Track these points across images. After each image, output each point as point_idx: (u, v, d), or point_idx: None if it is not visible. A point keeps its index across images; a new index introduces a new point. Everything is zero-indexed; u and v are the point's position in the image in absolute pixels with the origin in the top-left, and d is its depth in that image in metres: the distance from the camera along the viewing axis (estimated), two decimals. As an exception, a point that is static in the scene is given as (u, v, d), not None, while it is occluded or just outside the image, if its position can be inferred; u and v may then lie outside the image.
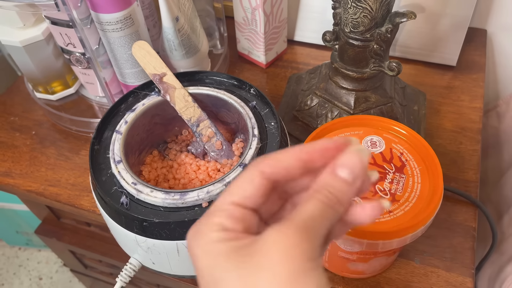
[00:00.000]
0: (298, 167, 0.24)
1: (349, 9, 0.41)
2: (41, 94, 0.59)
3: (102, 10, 0.44)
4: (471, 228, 0.46)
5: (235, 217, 0.22)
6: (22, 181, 0.54)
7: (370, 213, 0.23)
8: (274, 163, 0.23)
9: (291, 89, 0.57)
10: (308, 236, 0.21)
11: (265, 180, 0.23)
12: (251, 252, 0.21)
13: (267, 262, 0.20)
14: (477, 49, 0.64)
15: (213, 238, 0.22)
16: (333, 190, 0.23)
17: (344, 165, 0.23)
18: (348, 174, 0.23)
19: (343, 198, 0.23)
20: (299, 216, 0.22)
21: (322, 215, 0.22)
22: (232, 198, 0.23)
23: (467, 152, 0.52)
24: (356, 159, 0.23)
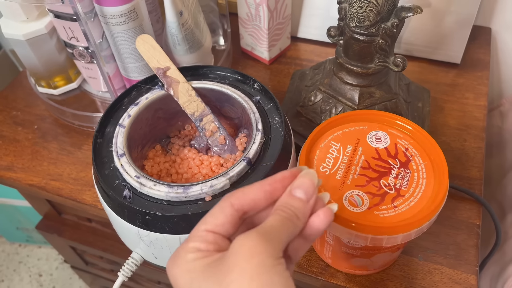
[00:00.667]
0: (263, 197, 0.28)
1: (355, 3, 0.41)
2: (44, 89, 0.59)
3: (106, 3, 0.44)
4: (475, 225, 0.46)
5: (208, 241, 0.26)
6: (24, 175, 0.54)
7: (323, 217, 0.28)
8: (242, 195, 0.27)
9: (294, 85, 0.56)
10: (269, 238, 0.25)
11: (234, 211, 0.27)
12: (223, 261, 0.24)
13: (236, 262, 0.24)
14: (481, 47, 0.64)
15: (189, 258, 0.26)
16: (291, 207, 0.27)
17: (299, 187, 0.28)
18: (302, 193, 0.27)
19: (300, 214, 0.27)
20: (261, 226, 0.26)
21: (282, 225, 0.26)
22: (205, 226, 0.27)
23: (471, 150, 0.52)
24: (307, 181, 0.28)
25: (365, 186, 0.36)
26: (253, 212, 0.28)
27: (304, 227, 0.28)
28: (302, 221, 0.27)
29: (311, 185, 0.28)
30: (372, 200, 0.35)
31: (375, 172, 0.37)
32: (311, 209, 0.28)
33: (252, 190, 0.28)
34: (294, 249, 0.28)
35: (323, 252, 0.43)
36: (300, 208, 0.27)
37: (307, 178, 0.28)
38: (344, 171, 0.37)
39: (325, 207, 0.28)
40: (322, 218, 0.28)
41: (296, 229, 0.27)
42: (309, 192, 0.28)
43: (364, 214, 0.34)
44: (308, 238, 0.28)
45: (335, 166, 0.38)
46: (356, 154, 0.38)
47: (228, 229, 0.27)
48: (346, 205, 0.35)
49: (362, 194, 0.36)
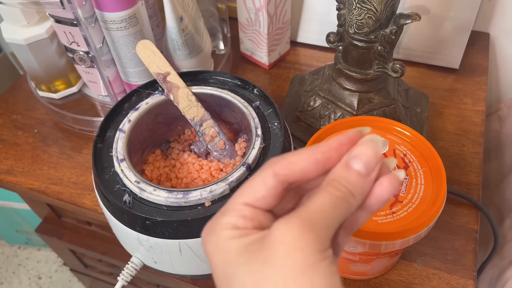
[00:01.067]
0: (314, 168, 0.23)
1: (354, 10, 0.41)
2: (44, 93, 0.59)
3: (107, 9, 0.44)
4: (473, 230, 0.46)
5: (246, 217, 0.22)
6: (24, 179, 0.54)
7: (388, 186, 0.23)
8: (289, 165, 0.23)
9: (294, 90, 0.57)
10: (314, 227, 0.21)
11: (278, 182, 0.23)
12: (260, 247, 0.21)
13: (273, 256, 0.20)
14: (480, 53, 0.65)
15: (224, 236, 0.22)
16: (345, 182, 0.22)
17: (357, 157, 0.22)
18: (361, 166, 0.22)
19: (357, 191, 0.22)
20: (305, 209, 0.21)
21: (332, 206, 0.22)
22: (244, 199, 0.23)
23: (470, 155, 0.52)
24: (369, 150, 0.22)
25: (363, 192, 0.36)
26: (301, 183, 0.24)
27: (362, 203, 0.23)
28: (358, 200, 0.23)
29: (373, 155, 0.22)
30: (370, 206, 0.35)
31: (374, 178, 0.37)
32: (372, 183, 0.23)
33: (300, 159, 0.23)
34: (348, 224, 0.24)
35: (322, 257, 0.43)
36: (357, 184, 0.22)
37: (369, 146, 0.23)
38: (343, 177, 0.37)
39: (390, 174, 0.23)
40: (386, 187, 0.23)
41: (351, 209, 0.22)
42: (370, 165, 0.22)
43: (363, 220, 0.35)
44: (368, 209, 0.24)
45: (334, 171, 0.38)
46: (355, 160, 0.39)
47: (271, 202, 0.23)
48: (345, 211, 0.35)
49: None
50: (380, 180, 0.23)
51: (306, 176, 0.23)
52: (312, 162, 0.23)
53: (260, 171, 0.23)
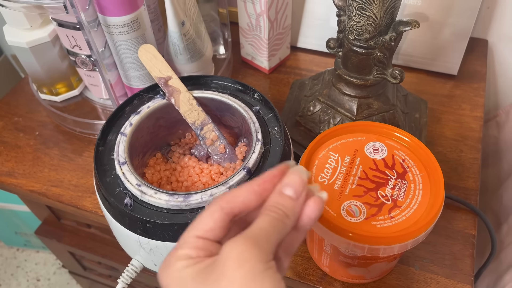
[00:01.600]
0: (254, 199, 0.27)
1: (354, 16, 0.42)
2: (45, 95, 0.60)
3: (110, 13, 0.45)
4: (470, 235, 0.47)
5: (198, 247, 0.26)
6: (25, 181, 0.54)
7: (314, 206, 0.27)
8: (231, 198, 0.27)
9: (294, 95, 0.57)
10: (257, 242, 0.24)
11: (224, 215, 0.26)
12: (213, 268, 0.24)
13: (225, 270, 0.23)
14: (478, 59, 0.65)
15: (179, 266, 0.25)
16: (280, 206, 0.26)
17: (288, 184, 0.27)
18: (291, 191, 0.27)
19: (290, 212, 0.27)
20: (249, 229, 0.25)
21: (271, 226, 0.26)
22: (195, 232, 0.26)
23: (468, 161, 0.53)
24: (296, 178, 0.27)
25: (362, 197, 0.37)
26: (244, 214, 0.28)
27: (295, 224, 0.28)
28: (292, 220, 0.27)
29: (300, 182, 0.27)
30: (369, 211, 0.36)
31: (373, 183, 0.38)
32: (302, 205, 0.28)
33: (242, 193, 0.27)
34: (287, 244, 0.28)
35: (320, 260, 0.43)
36: (290, 206, 0.27)
37: (296, 175, 0.28)
38: (342, 182, 0.38)
39: (315, 196, 0.28)
40: (313, 207, 0.27)
41: (287, 228, 0.27)
42: (298, 190, 0.27)
43: (362, 224, 0.35)
44: (301, 230, 0.28)
45: (333, 176, 0.38)
46: (354, 165, 0.39)
47: (218, 233, 0.26)
48: (344, 215, 0.36)
49: (359, 204, 0.36)
50: (307, 202, 0.27)
51: (247, 207, 0.27)
52: (251, 193, 0.27)
53: (208, 206, 0.27)
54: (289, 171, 0.28)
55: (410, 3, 0.57)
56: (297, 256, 0.46)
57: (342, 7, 0.45)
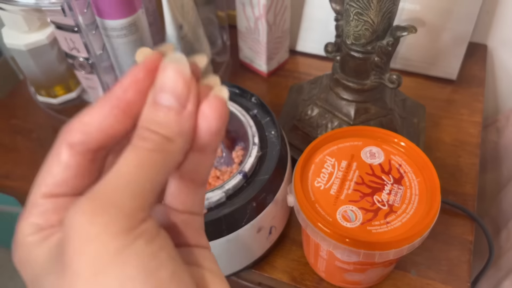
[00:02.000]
0: (116, 121, 0.17)
1: (351, 21, 0.42)
2: (43, 98, 0.60)
3: (108, 17, 0.45)
4: (467, 241, 0.46)
5: (49, 211, 0.17)
6: (22, 184, 0.54)
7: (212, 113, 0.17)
8: (81, 127, 0.17)
9: (292, 99, 0.57)
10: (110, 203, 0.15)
11: (78, 155, 0.17)
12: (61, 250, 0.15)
13: (68, 257, 0.15)
14: (477, 64, 0.65)
15: (28, 243, 0.17)
16: (156, 127, 0.17)
17: (163, 88, 0.17)
18: (170, 98, 0.17)
19: (173, 132, 0.17)
20: (101, 182, 0.16)
21: (140, 165, 0.16)
22: (41, 190, 0.18)
23: (466, 166, 0.53)
24: (175, 74, 0.17)
25: (358, 202, 0.36)
26: (112, 145, 0.18)
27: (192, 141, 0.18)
28: (180, 143, 0.17)
29: (181, 80, 0.17)
30: (365, 216, 0.36)
31: (369, 188, 0.37)
32: (192, 115, 0.17)
33: (94, 116, 0.17)
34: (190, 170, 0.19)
35: (317, 266, 0.43)
36: (170, 123, 0.17)
37: (173, 70, 0.17)
38: (338, 186, 0.38)
39: (211, 97, 0.18)
40: (210, 115, 0.17)
41: (173, 158, 0.17)
42: (181, 93, 0.17)
43: (357, 229, 0.35)
44: (205, 149, 0.18)
45: (329, 181, 0.38)
46: (351, 170, 0.39)
47: (76, 184, 0.18)
48: (340, 220, 0.35)
49: (355, 209, 0.36)
50: (201, 109, 0.18)
51: (110, 135, 0.17)
52: (108, 114, 0.17)
53: (53, 146, 0.18)
54: (162, 66, 0.17)
55: (408, 7, 0.57)
56: (294, 261, 0.46)
57: (339, 11, 0.45)
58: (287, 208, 0.45)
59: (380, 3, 0.39)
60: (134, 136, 0.17)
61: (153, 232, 0.16)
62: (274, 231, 0.44)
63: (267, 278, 0.45)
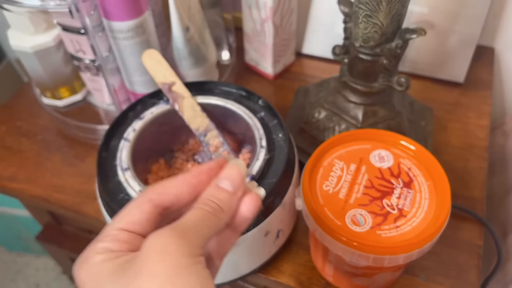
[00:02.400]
0: (187, 191, 0.26)
1: (360, 24, 0.41)
2: (48, 100, 0.60)
3: (115, 18, 0.44)
4: (476, 246, 0.46)
5: (121, 240, 0.23)
6: (27, 186, 0.54)
7: (250, 203, 0.26)
8: (162, 190, 0.25)
9: (298, 102, 0.57)
10: (185, 235, 0.22)
11: (153, 207, 0.25)
12: (133, 262, 0.22)
13: (146, 265, 0.21)
14: (484, 67, 0.65)
15: (97, 260, 0.23)
16: (215, 199, 0.25)
17: (225, 177, 0.26)
18: (228, 184, 0.26)
19: (225, 206, 0.25)
20: (178, 221, 0.23)
21: (202, 219, 0.24)
22: (119, 224, 0.24)
23: (474, 169, 0.52)
24: (235, 171, 0.26)
25: (368, 206, 0.36)
26: (176, 207, 0.26)
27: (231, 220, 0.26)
28: (227, 215, 0.25)
29: (238, 175, 0.26)
30: (374, 220, 0.35)
31: (378, 192, 0.37)
32: (239, 201, 0.26)
33: (174, 184, 0.26)
34: (220, 243, 0.27)
35: (324, 270, 0.43)
36: (225, 200, 0.25)
37: (235, 168, 0.26)
38: (347, 190, 0.37)
39: (251, 193, 0.27)
40: (249, 204, 0.26)
41: (220, 223, 0.25)
42: (236, 183, 0.26)
43: (367, 233, 0.34)
44: (236, 229, 0.27)
45: (338, 184, 0.38)
46: (359, 173, 0.38)
47: (145, 227, 0.24)
48: (349, 224, 0.35)
49: (364, 213, 0.36)
50: (243, 198, 0.26)
51: (179, 199, 0.25)
52: (185, 185, 0.26)
53: (137, 197, 0.25)
54: (227, 165, 0.27)
55: (416, 10, 0.57)
56: (301, 265, 0.45)
57: (348, 14, 0.44)
58: (294, 211, 0.44)
59: (390, 5, 0.39)
60: (198, 201, 0.25)
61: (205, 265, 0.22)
62: (281, 235, 0.43)
63: (274, 283, 0.45)
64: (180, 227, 0.23)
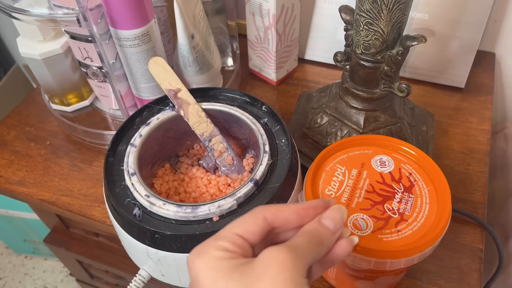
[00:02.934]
0: (295, 219, 0.29)
1: (361, 31, 0.42)
2: (57, 106, 0.61)
3: (121, 27, 0.45)
4: (478, 249, 0.47)
5: (236, 244, 0.27)
6: (36, 190, 0.55)
7: (345, 246, 0.29)
8: (276, 212, 0.28)
9: (301, 107, 0.58)
10: (298, 256, 0.25)
11: (266, 224, 0.28)
12: (251, 266, 0.25)
13: (267, 273, 0.24)
14: (485, 72, 0.65)
15: (216, 255, 0.26)
16: (318, 233, 0.28)
17: (329, 217, 0.29)
18: (330, 223, 0.29)
19: (325, 241, 0.28)
20: (291, 242, 0.27)
21: (309, 247, 0.27)
22: (237, 230, 0.27)
23: (475, 174, 0.53)
24: (338, 214, 0.29)
25: (369, 210, 0.37)
26: (280, 230, 0.29)
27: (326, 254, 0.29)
28: (326, 248, 0.28)
29: (340, 218, 0.29)
30: (376, 224, 0.36)
31: (379, 196, 0.38)
32: (335, 240, 0.29)
33: (286, 210, 0.29)
34: (311, 273, 0.30)
35: (327, 273, 0.44)
36: (327, 236, 0.28)
37: (338, 212, 0.30)
38: (349, 195, 0.38)
39: (348, 237, 0.30)
40: (344, 246, 0.29)
41: (320, 254, 0.28)
42: (337, 224, 0.29)
43: (368, 237, 0.35)
44: (326, 265, 0.30)
45: (340, 189, 0.39)
46: (361, 178, 0.39)
47: (256, 239, 0.28)
48: (351, 228, 0.36)
49: (366, 217, 0.36)
50: (340, 241, 0.29)
51: (286, 225, 0.29)
52: (294, 213, 0.29)
53: (252, 211, 0.29)
54: (332, 207, 0.30)
55: (417, 17, 0.57)
56: (304, 268, 0.46)
57: (349, 21, 0.45)
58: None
59: (390, 14, 0.39)
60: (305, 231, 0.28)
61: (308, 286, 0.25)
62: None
63: (278, 285, 0.46)
64: (295, 249, 0.26)
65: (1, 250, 1.34)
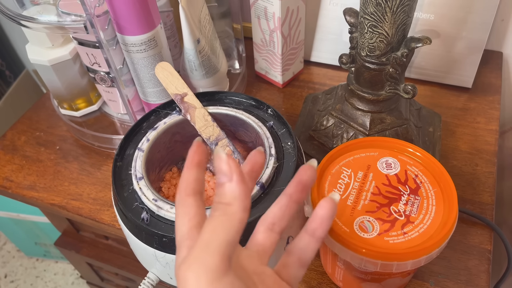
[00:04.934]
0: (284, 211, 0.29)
1: (366, 34, 0.42)
2: (66, 111, 0.62)
3: (128, 33, 0.46)
4: (486, 250, 0.46)
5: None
6: (46, 195, 0.56)
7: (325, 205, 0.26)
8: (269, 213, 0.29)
9: (307, 109, 0.58)
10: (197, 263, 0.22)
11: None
12: None
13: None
14: (492, 71, 0.65)
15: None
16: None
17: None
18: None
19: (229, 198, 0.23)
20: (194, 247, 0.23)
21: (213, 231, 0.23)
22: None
23: (483, 174, 0.53)
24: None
25: (375, 212, 0.37)
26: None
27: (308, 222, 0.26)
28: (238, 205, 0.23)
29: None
30: (382, 226, 0.36)
31: (385, 198, 0.38)
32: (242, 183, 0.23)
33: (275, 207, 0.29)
34: (300, 251, 0.27)
35: (334, 275, 0.44)
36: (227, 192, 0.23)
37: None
38: (355, 197, 0.38)
39: (327, 197, 0.27)
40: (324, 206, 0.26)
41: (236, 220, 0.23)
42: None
43: (375, 240, 0.35)
44: (314, 234, 0.26)
45: (346, 191, 0.39)
46: (367, 180, 0.39)
47: None
48: (357, 231, 0.36)
49: (372, 220, 0.36)
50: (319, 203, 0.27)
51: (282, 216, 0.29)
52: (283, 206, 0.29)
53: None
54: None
55: (423, 17, 0.57)
56: (311, 270, 0.46)
57: (354, 24, 0.45)
58: (303, 218, 0.45)
59: (395, 16, 0.40)
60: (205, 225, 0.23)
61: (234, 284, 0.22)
62: (291, 241, 0.44)
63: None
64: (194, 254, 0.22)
65: (13, 253, 1.36)
